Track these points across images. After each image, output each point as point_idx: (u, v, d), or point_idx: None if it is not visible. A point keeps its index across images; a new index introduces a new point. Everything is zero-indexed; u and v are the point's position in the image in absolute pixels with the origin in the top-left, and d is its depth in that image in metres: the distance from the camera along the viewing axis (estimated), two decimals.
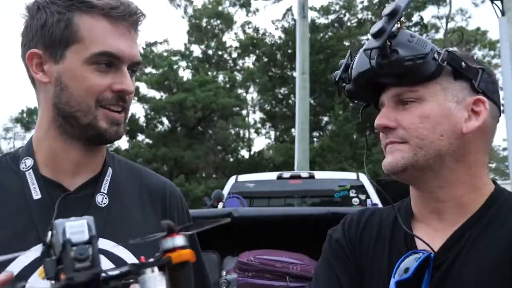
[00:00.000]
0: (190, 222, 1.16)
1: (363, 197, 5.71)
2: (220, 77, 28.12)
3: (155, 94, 26.58)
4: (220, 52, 29.70)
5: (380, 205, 5.11)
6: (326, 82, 24.51)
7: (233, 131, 27.96)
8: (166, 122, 26.70)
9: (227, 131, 26.86)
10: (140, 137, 26.52)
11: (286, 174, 6.33)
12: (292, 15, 26.55)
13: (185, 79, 26.57)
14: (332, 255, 1.12)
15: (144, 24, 1.11)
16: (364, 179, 5.91)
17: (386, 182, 1.23)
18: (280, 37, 27.90)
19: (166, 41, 31.17)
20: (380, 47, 0.98)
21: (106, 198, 1.09)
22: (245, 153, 28.31)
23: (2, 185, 1.06)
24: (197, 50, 29.57)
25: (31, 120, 28.66)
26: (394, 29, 0.99)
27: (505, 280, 0.94)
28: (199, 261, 1.22)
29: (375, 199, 5.59)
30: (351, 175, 6.38)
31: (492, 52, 25.10)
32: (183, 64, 28.56)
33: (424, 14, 26.14)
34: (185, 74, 27.86)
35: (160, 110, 25.59)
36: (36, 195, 1.04)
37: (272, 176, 6.45)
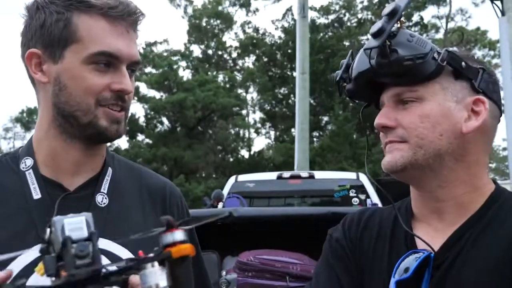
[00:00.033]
0: (192, 232, 1.16)
1: (363, 197, 5.71)
2: (220, 77, 28.13)
3: (155, 94, 26.63)
4: (220, 52, 29.70)
5: (380, 205, 5.11)
6: (326, 82, 24.51)
7: (233, 131, 27.95)
8: (166, 122, 26.73)
9: (227, 131, 26.84)
10: (140, 137, 26.54)
11: (286, 174, 6.32)
12: (292, 15, 26.58)
13: (185, 79, 26.57)
14: (332, 255, 1.12)
15: (143, 24, 1.10)
16: (364, 179, 5.91)
17: (386, 182, 1.23)
18: (280, 37, 27.94)
19: (166, 41, 31.20)
20: (379, 47, 0.98)
21: (106, 198, 1.09)
22: (245, 153, 28.35)
23: (2, 185, 1.06)
24: (197, 50, 29.62)
25: (31, 120, 28.66)
26: (394, 29, 0.99)
27: (505, 280, 0.93)
28: (199, 258, 1.22)
29: (375, 199, 5.59)
30: (351, 175, 6.38)
31: (492, 52, 25.11)
32: (183, 64, 28.60)
33: (424, 14, 26.18)
34: (185, 74, 27.90)
35: (160, 110, 25.58)
36: (36, 195, 1.04)
37: (272, 176, 6.45)
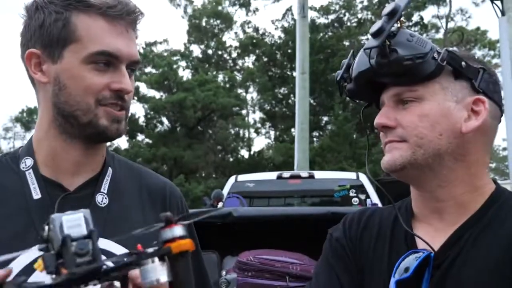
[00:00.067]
0: (191, 227, 1.17)
1: (362, 196, 5.71)
2: (220, 77, 28.13)
3: (154, 93, 26.63)
4: (220, 52, 29.70)
5: (380, 204, 5.11)
6: (326, 82, 24.52)
7: (232, 131, 27.94)
8: (166, 122, 26.72)
9: (226, 131, 26.84)
10: (140, 136, 26.54)
11: (286, 174, 6.32)
12: (292, 15, 26.58)
13: (184, 79, 26.56)
14: (332, 254, 1.12)
15: (142, 23, 1.10)
16: (363, 179, 5.91)
17: (386, 182, 1.23)
18: (280, 37, 27.94)
19: (166, 40, 31.19)
20: (379, 47, 0.98)
21: (106, 198, 1.09)
22: (245, 153, 28.35)
23: (2, 185, 1.06)
24: (196, 50, 29.62)
25: (31, 119, 28.67)
26: (394, 28, 0.99)
27: (505, 280, 0.93)
28: (199, 258, 1.22)
29: (374, 198, 5.59)
30: (350, 175, 6.37)
31: (492, 52, 25.11)
32: (183, 64, 28.60)
33: (424, 14, 26.17)
34: (184, 74, 27.90)
35: (160, 110, 25.58)
36: (36, 195, 1.04)
37: (272, 176, 6.44)
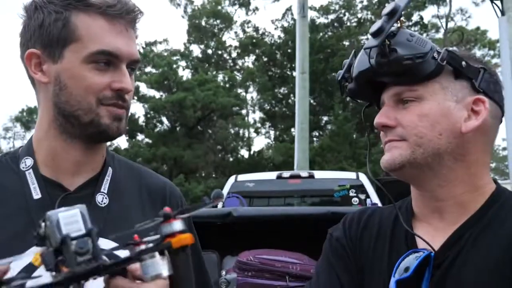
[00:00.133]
0: (189, 222, 1.17)
1: (362, 196, 5.70)
2: (220, 76, 28.11)
3: (154, 93, 26.59)
4: (219, 52, 29.69)
5: (379, 204, 5.10)
6: (325, 81, 24.52)
7: (232, 131, 27.91)
8: (166, 121, 26.69)
9: (226, 131, 26.82)
10: (140, 136, 26.51)
11: (286, 174, 6.30)
12: (291, 14, 26.58)
13: (184, 79, 26.54)
14: (332, 254, 1.12)
15: (142, 22, 1.10)
16: (363, 179, 5.90)
17: (386, 182, 1.23)
18: (279, 36, 27.92)
19: (166, 40, 31.15)
20: (379, 46, 0.98)
21: (106, 198, 1.09)
22: (244, 152, 28.32)
23: (2, 185, 1.06)
24: (196, 50, 29.60)
25: (31, 119, 28.64)
26: (394, 28, 0.99)
27: (505, 280, 0.93)
28: (199, 257, 1.22)
29: (374, 198, 5.58)
30: (350, 175, 6.36)
31: (491, 52, 25.11)
32: (183, 63, 28.58)
33: (424, 13, 26.18)
34: (184, 74, 27.87)
35: (160, 110, 25.55)
36: (36, 194, 1.04)
37: (271, 175, 6.43)
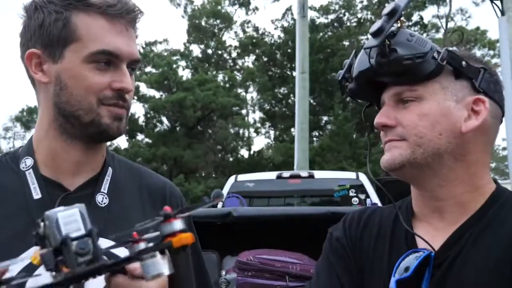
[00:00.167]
0: (189, 222, 1.17)
1: (362, 196, 5.69)
2: (220, 76, 28.10)
3: (154, 93, 26.59)
4: (219, 52, 29.68)
5: (379, 204, 5.10)
6: (325, 81, 24.52)
7: (232, 131, 27.90)
8: (166, 121, 26.68)
9: (226, 131, 26.81)
10: (140, 136, 26.50)
11: (286, 174, 6.30)
12: (291, 14, 26.57)
13: (184, 79, 26.54)
14: (332, 253, 1.12)
15: (142, 22, 1.10)
16: (363, 179, 5.90)
17: (386, 182, 1.23)
18: (279, 36, 27.91)
19: (166, 40, 31.16)
20: (379, 46, 0.98)
21: (106, 198, 1.09)
22: (244, 152, 28.31)
23: (2, 185, 1.06)
24: (196, 50, 29.60)
25: (31, 119, 28.63)
26: (394, 28, 0.99)
27: (505, 280, 0.93)
28: (199, 257, 1.22)
29: (374, 198, 5.58)
30: (350, 175, 6.36)
31: (491, 52, 25.10)
32: (183, 63, 28.58)
33: (424, 13, 26.17)
34: (184, 74, 27.87)
35: (160, 110, 25.55)
36: (36, 194, 1.04)
37: (271, 175, 6.42)
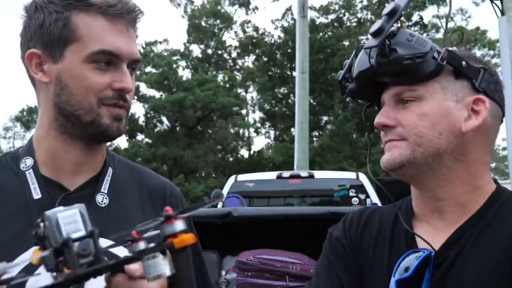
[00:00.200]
0: (189, 222, 1.17)
1: (362, 196, 5.69)
2: (220, 76, 28.11)
3: (154, 93, 26.59)
4: (219, 52, 29.68)
5: (379, 204, 5.10)
6: (325, 81, 24.52)
7: (232, 131, 27.90)
8: (166, 121, 26.68)
9: (226, 131, 26.81)
10: (140, 136, 26.50)
11: (286, 174, 6.30)
12: (291, 14, 26.58)
13: (184, 79, 26.53)
14: (332, 253, 1.12)
15: (142, 22, 1.10)
16: (363, 179, 5.90)
17: (386, 182, 1.23)
18: (279, 36, 27.91)
19: (166, 40, 31.19)
20: (379, 46, 0.98)
21: (106, 198, 1.09)
22: (244, 152, 28.31)
23: (2, 185, 1.06)
24: (196, 50, 29.61)
25: (31, 119, 28.63)
26: (394, 28, 0.99)
27: (505, 280, 0.93)
28: (199, 257, 1.22)
29: (374, 198, 5.58)
30: (350, 175, 6.36)
31: (491, 52, 25.10)
32: (183, 63, 28.58)
33: (424, 13, 26.20)
34: (184, 74, 27.87)
35: (160, 110, 25.55)
36: (36, 194, 1.04)
37: (271, 175, 6.42)
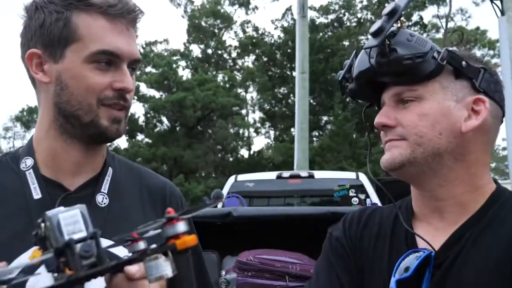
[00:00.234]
0: (190, 222, 1.17)
1: (362, 196, 5.69)
2: (220, 76, 28.11)
3: (154, 93, 26.59)
4: (219, 52, 29.68)
5: (379, 204, 5.10)
6: (325, 81, 24.53)
7: (232, 131, 27.89)
8: (166, 121, 26.68)
9: (226, 131, 26.81)
10: (140, 136, 26.50)
11: (286, 174, 6.30)
12: (291, 14, 26.58)
13: (184, 79, 26.53)
14: (332, 253, 1.12)
15: (143, 22, 1.10)
16: (363, 179, 5.90)
17: (386, 182, 1.23)
18: (279, 36, 27.91)
19: (166, 40, 31.19)
20: (379, 46, 0.98)
21: (106, 198, 1.09)
22: (244, 152, 28.31)
23: (2, 185, 1.06)
24: (196, 50, 29.61)
25: (31, 119, 28.63)
26: (394, 28, 0.99)
27: (505, 280, 0.93)
28: (199, 257, 1.22)
29: (374, 198, 5.58)
30: (350, 175, 6.36)
31: (491, 52, 25.10)
32: (183, 63, 28.58)
33: (424, 13, 26.21)
34: (184, 74, 27.87)
35: (160, 110, 25.55)
36: (37, 194, 1.04)
37: (271, 175, 6.42)
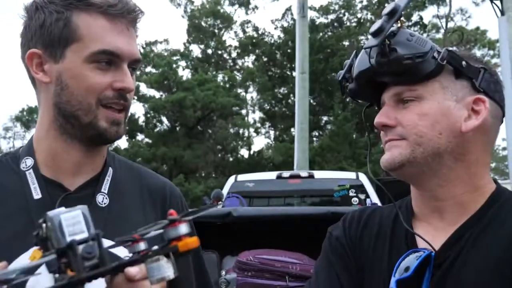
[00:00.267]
0: (191, 223, 1.17)
1: (362, 196, 5.70)
2: (220, 76, 28.12)
3: (154, 93, 26.61)
4: (219, 52, 29.69)
5: (379, 204, 5.10)
6: (325, 81, 24.54)
7: (232, 131, 27.90)
8: (166, 121, 26.69)
9: (226, 131, 26.81)
10: (140, 136, 26.51)
11: (286, 174, 6.30)
12: (291, 14, 26.60)
13: (184, 79, 26.54)
14: (332, 252, 1.12)
15: (143, 22, 1.10)
16: (363, 179, 5.90)
17: (386, 182, 1.24)
18: (279, 36, 27.93)
19: (166, 40, 31.21)
20: (379, 46, 0.98)
21: (106, 198, 1.09)
22: (244, 152, 28.33)
23: (2, 185, 1.06)
24: (196, 50, 29.62)
25: (31, 119, 28.64)
26: (394, 28, 0.99)
27: (505, 280, 0.93)
28: (199, 257, 1.22)
29: (374, 198, 5.58)
30: (350, 175, 6.36)
31: (491, 52, 25.11)
32: (183, 63, 28.59)
33: (424, 13, 26.22)
34: (184, 74, 27.88)
35: (160, 110, 25.56)
36: (37, 195, 1.04)
37: (271, 175, 6.42)
